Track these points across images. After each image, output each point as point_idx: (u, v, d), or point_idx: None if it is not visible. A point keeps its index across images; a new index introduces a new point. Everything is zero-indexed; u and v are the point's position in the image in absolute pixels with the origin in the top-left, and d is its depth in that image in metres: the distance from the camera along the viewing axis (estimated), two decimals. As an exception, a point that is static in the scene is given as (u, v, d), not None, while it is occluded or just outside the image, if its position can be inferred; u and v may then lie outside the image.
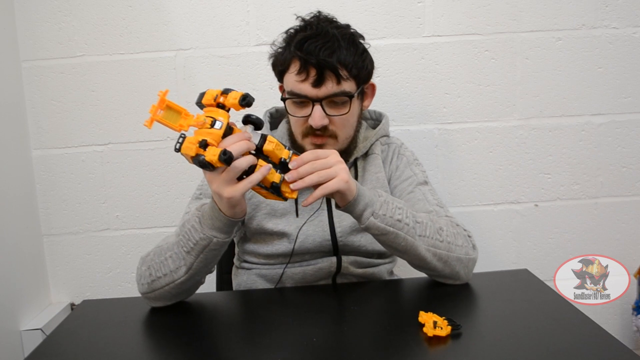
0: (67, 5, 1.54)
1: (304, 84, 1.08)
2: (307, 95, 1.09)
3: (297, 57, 1.08)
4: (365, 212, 0.99)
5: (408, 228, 1.01)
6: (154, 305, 1.07)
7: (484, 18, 1.59)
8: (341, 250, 1.19)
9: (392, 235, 1.01)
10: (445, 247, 1.06)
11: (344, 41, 1.09)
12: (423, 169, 1.26)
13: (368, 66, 1.15)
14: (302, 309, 1.07)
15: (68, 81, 1.58)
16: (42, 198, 1.63)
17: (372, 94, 1.23)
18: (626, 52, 1.62)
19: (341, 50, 1.07)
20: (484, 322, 0.97)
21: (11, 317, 1.47)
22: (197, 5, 1.56)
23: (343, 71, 1.08)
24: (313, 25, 1.11)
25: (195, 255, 0.99)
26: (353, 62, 1.09)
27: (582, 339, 0.88)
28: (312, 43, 1.07)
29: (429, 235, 1.04)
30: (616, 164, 1.68)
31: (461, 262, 1.08)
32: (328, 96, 1.08)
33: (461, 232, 1.11)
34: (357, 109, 1.16)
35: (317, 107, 1.09)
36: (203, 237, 0.97)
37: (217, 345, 0.92)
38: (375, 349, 0.87)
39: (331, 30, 1.09)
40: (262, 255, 1.20)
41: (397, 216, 1.00)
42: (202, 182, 1.19)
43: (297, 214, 1.18)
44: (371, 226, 0.99)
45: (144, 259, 1.07)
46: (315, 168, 0.93)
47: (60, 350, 0.94)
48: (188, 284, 1.04)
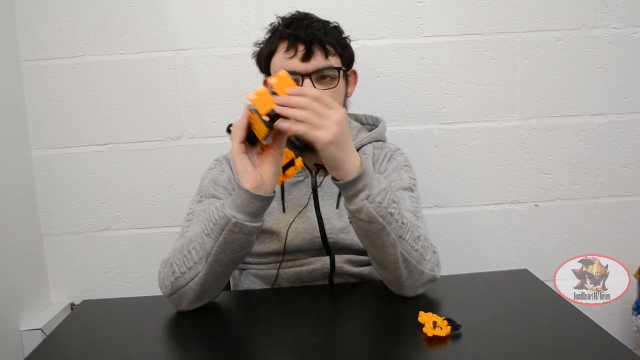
0: (67, 5, 1.55)
1: (293, 60, 1.12)
2: (296, 71, 1.11)
3: (285, 35, 1.13)
4: (362, 193, 0.93)
5: (396, 225, 0.96)
6: (181, 308, 1.03)
7: (484, 18, 1.60)
8: (332, 248, 1.18)
9: (379, 227, 0.95)
10: (416, 258, 1.01)
11: (327, 26, 1.17)
12: (413, 175, 1.22)
13: (351, 50, 1.21)
14: (301, 310, 1.07)
15: (68, 81, 1.58)
16: (42, 198, 1.63)
17: (355, 81, 1.26)
18: (626, 52, 1.62)
19: (327, 31, 1.15)
20: (484, 322, 0.97)
21: (11, 317, 1.47)
22: (197, 5, 1.56)
23: (329, 47, 1.14)
24: (297, 14, 1.19)
25: (215, 238, 0.94)
26: (337, 42, 1.16)
27: (582, 339, 0.88)
28: (299, 22, 1.14)
29: (407, 240, 1.00)
30: (616, 164, 1.68)
31: (423, 277, 1.03)
32: (317, 70, 1.12)
33: (429, 247, 1.06)
34: (343, 89, 1.18)
35: (307, 81, 1.11)
36: (222, 216, 0.93)
37: (217, 345, 0.92)
38: (375, 349, 0.87)
39: (315, 17, 1.18)
40: (255, 254, 1.20)
41: (390, 209, 0.95)
42: (201, 185, 1.20)
43: (283, 209, 1.18)
44: (362, 210, 0.93)
45: (166, 261, 1.04)
46: (310, 107, 0.88)
47: (60, 350, 0.94)
48: (210, 277, 0.98)
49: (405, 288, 1.04)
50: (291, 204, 1.19)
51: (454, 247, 1.70)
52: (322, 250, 1.18)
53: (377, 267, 1.06)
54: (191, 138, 1.62)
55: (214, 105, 1.60)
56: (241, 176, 0.94)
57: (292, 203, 1.19)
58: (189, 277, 0.99)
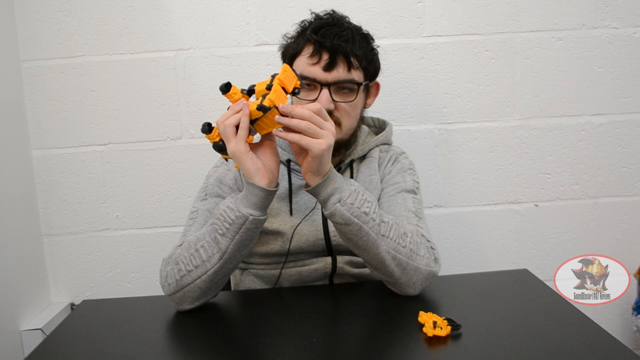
0: (67, 5, 1.55)
1: (315, 67, 1.11)
2: (316, 79, 1.11)
3: (311, 40, 1.12)
4: (333, 197, 0.97)
5: (373, 223, 0.98)
6: (181, 308, 1.04)
7: (484, 18, 1.59)
8: (335, 250, 1.18)
9: (356, 227, 0.98)
10: (406, 254, 1.02)
11: (357, 34, 1.15)
12: (416, 179, 1.23)
13: (377, 63, 1.20)
14: (301, 309, 1.07)
15: (68, 81, 1.58)
16: (42, 198, 1.63)
17: (376, 93, 1.26)
18: (626, 52, 1.62)
19: (354, 41, 1.13)
20: (484, 322, 0.97)
21: (11, 317, 1.47)
22: (197, 5, 1.56)
23: (354, 60, 1.12)
24: (329, 17, 1.17)
25: (231, 237, 0.97)
26: (364, 54, 1.14)
27: (582, 339, 0.88)
28: (328, 29, 1.12)
29: (391, 237, 1.01)
30: (616, 164, 1.68)
31: (420, 273, 1.04)
32: (337, 82, 1.11)
33: (424, 243, 1.07)
34: (361, 102, 1.18)
35: (325, 91, 1.11)
36: (239, 215, 0.96)
37: (218, 345, 0.92)
38: (375, 349, 0.87)
39: (347, 23, 1.16)
40: (257, 254, 1.20)
41: (364, 208, 0.98)
42: (207, 183, 1.20)
43: (290, 212, 1.18)
44: (336, 213, 0.97)
45: (168, 260, 1.05)
46: (310, 118, 0.92)
47: (60, 350, 0.94)
48: (220, 274, 1.01)
49: (404, 286, 1.05)
50: (298, 206, 1.19)
51: (454, 247, 1.70)
52: (325, 252, 1.19)
53: (370, 268, 1.07)
54: (191, 138, 1.62)
55: (214, 105, 1.60)
56: (254, 174, 0.96)
57: (299, 206, 1.19)
58: (196, 275, 1.00)
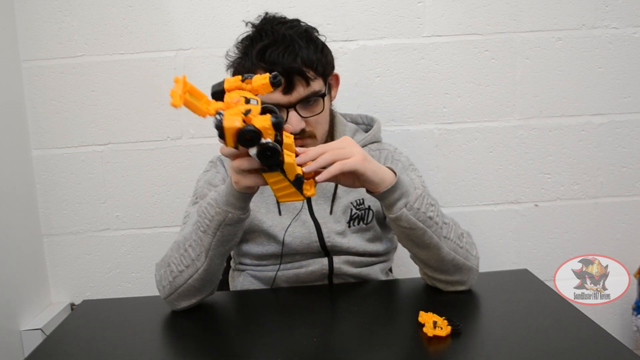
0: (67, 5, 1.54)
1: (274, 94, 1.06)
2: (279, 103, 1.07)
3: (261, 68, 1.06)
4: (400, 202, 0.95)
5: (437, 227, 0.99)
6: (179, 308, 1.04)
7: (484, 18, 1.59)
8: (331, 251, 1.18)
9: (420, 232, 0.98)
10: (463, 255, 1.04)
11: (302, 40, 1.08)
12: (419, 174, 1.22)
13: (330, 59, 1.15)
14: (301, 310, 1.07)
15: (68, 81, 1.58)
16: (42, 198, 1.63)
17: (337, 83, 1.23)
18: (626, 52, 1.62)
19: (302, 51, 1.07)
20: (484, 322, 0.97)
21: (11, 317, 1.47)
22: (197, 5, 1.56)
23: (310, 72, 1.08)
24: (267, 31, 1.09)
25: (212, 234, 0.97)
26: (317, 60, 1.09)
27: (582, 339, 0.88)
28: (273, 51, 1.05)
29: (452, 239, 1.02)
30: (616, 164, 1.68)
31: (471, 273, 1.06)
32: (300, 100, 1.08)
33: (473, 243, 1.09)
34: (328, 104, 1.16)
35: (292, 113, 1.08)
36: (219, 212, 0.95)
37: (216, 346, 0.92)
38: (375, 349, 0.87)
39: (286, 32, 1.08)
40: (254, 256, 1.20)
41: (429, 213, 0.98)
42: (197, 187, 1.20)
43: (279, 212, 1.18)
44: (402, 218, 0.95)
45: (160, 263, 1.06)
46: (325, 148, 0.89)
47: (60, 350, 0.94)
48: (211, 271, 1.01)
49: (454, 284, 1.07)
50: (285, 206, 1.19)
51: (454, 247, 1.70)
52: (321, 253, 1.19)
53: (423, 266, 1.08)
54: (191, 138, 1.62)
55: (214, 105, 1.60)
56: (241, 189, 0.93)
57: (287, 206, 1.19)
58: (188, 275, 1.01)
